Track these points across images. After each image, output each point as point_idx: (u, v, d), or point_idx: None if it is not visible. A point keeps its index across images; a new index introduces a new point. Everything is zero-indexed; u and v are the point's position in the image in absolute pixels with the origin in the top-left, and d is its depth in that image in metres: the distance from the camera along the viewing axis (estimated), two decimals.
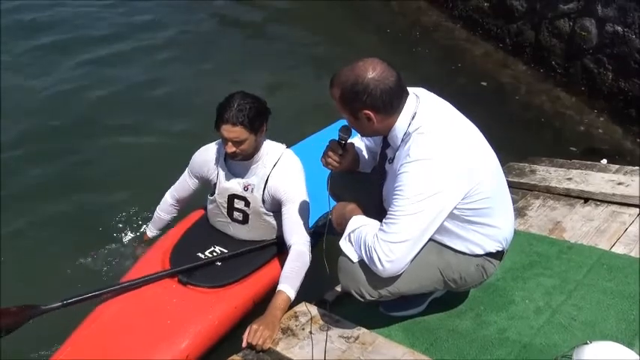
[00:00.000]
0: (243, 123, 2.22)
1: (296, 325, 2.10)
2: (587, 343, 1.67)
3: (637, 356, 1.65)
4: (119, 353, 2.08)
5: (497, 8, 5.14)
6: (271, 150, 2.41)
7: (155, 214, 2.78)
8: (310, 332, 2.05)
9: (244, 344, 2.01)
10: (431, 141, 1.77)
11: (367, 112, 1.82)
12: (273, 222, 2.47)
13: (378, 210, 2.01)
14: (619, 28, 4.12)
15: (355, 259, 1.89)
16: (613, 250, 2.49)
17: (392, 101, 1.81)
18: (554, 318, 2.09)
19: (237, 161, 2.37)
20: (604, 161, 3.61)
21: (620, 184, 2.93)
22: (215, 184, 2.47)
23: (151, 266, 2.39)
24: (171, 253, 2.43)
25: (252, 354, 2.00)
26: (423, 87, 1.96)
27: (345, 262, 1.92)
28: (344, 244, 1.93)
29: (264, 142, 2.39)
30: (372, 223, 1.88)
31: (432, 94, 1.94)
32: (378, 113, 1.82)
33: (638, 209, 2.75)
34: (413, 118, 1.83)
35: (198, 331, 2.17)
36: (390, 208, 1.80)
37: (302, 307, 2.19)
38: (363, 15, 5.68)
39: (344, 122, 2.01)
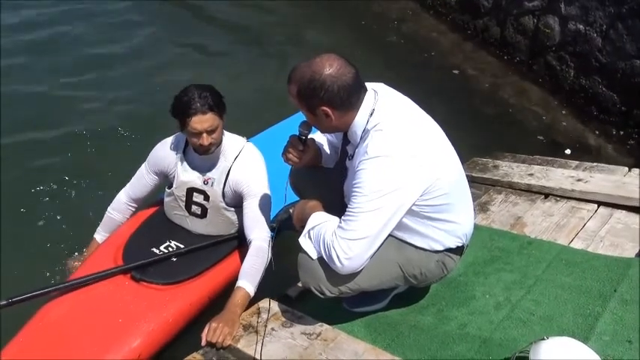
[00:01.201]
0: (212, 109, 2.19)
1: (258, 322, 2.08)
2: (544, 339, 1.70)
3: (592, 351, 1.68)
4: (67, 354, 2.01)
5: (464, 4, 5.17)
6: (232, 143, 2.37)
7: (106, 214, 2.58)
8: (272, 329, 2.03)
9: (203, 342, 1.97)
10: (389, 138, 1.76)
11: (325, 108, 1.80)
12: (232, 217, 2.43)
13: (340, 206, 1.99)
14: (581, 27, 4.19)
15: (315, 256, 1.88)
16: (572, 245, 2.54)
17: (350, 98, 1.79)
18: (513, 313, 2.11)
19: (199, 155, 2.31)
20: (567, 151, 3.70)
21: (579, 180, 2.99)
22: (174, 177, 2.41)
23: (102, 262, 2.31)
24: (125, 249, 2.36)
25: (213, 352, 1.97)
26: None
27: (305, 259, 1.90)
28: (303, 241, 1.91)
29: (224, 135, 2.35)
30: (332, 220, 1.87)
31: (391, 89, 1.93)
32: (336, 110, 1.80)
33: (596, 205, 2.81)
34: (371, 114, 1.82)
35: (151, 330, 2.11)
36: (349, 205, 1.79)
37: (264, 303, 2.16)
38: (333, 3, 5.62)
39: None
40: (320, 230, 1.86)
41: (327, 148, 2.23)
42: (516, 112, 4.33)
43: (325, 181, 2.15)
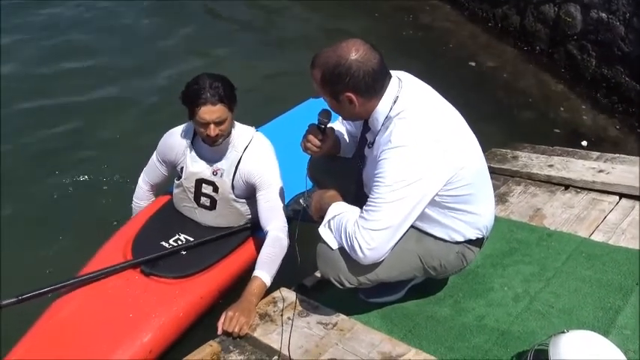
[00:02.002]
0: (223, 100, 2.15)
1: (274, 311, 2.08)
2: (564, 332, 1.68)
3: (613, 345, 1.66)
4: (78, 351, 1.98)
5: None
6: (241, 133, 2.34)
7: (133, 203, 2.63)
8: (288, 318, 2.03)
9: (219, 331, 1.97)
10: (412, 127, 1.74)
11: (349, 94, 1.77)
12: (242, 208, 2.42)
13: (358, 195, 1.98)
14: (603, 15, 4.11)
15: (335, 246, 1.86)
16: (592, 237, 2.50)
17: (374, 84, 1.77)
18: (532, 305, 2.09)
19: (209, 145, 2.28)
20: (584, 143, 3.63)
21: (600, 171, 2.94)
22: (182, 167, 2.39)
23: (111, 257, 2.28)
24: (134, 243, 2.33)
25: (229, 340, 1.97)
26: (410, 68, 1.92)
27: (325, 249, 1.89)
28: (323, 231, 1.90)
29: (234, 126, 2.32)
30: (353, 210, 1.85)
31: (415, 78, 1.90)
32: (360, 96, 1.78)
33: (618, 197, 2.76)
34: (395, 102, 1.79)
35: (162, 324, 2.09)
36: (370, 195, 1.77)
37: (281, 292, 2.16)
38: None
39: (313, 102, 1.97)
40: (341, 220, 1.84)
41: (346, 137, 2.21)
42: (535, 103, 4.27)
43: (343, 171, 2.14)
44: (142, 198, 2.62)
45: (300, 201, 2.61)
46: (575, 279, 2.21)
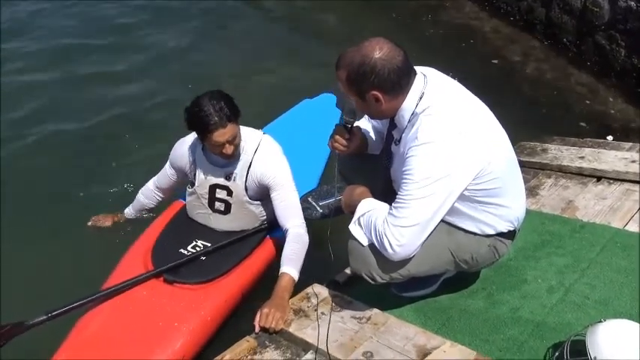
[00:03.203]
0: (230, 119, 2.18)
1: (308, 307, 2.11)
2: (601, 322, 1.66)
3: None
4: None
5: None
6: (249, 136, 2.37)
7: (137, 195, 2.74)
8: (322, 313, 2.06)
9: (257, 329, 2.01)
10: (439, 122, 1.74)
11: (375, 92, 1.79)
12: (256, 210, 2.45)
13: (386, 192, 1.99)
14: (632, 3, 4.03)
15: (365, 242, 1.88)
16: (626, 228, 2.46)
17: (400, 81, 1.78)
18: (567, 297, 2.08)
19: (226, 160, 2.32)
20: (609, 138, 3.57)
21: (633, 161, 2.89)
22: (195, 174, 2.42)
23: (133, 268, 2.31)
24: (153, 253, 2.37)
25: (265, 335, 2.01)
26: (433, 67, 1.93)
27: (356, 246, 1.91)
28: (354, 227, 1.92)
29: (241, 130, 2.33)
30: (382, 207, 1.87)
31: (440, 73, 1.91)
32: (386, 94, 1.79)
33: None
34: (420, 98, 1.80)
35: (192, 329, 2.13)
36: (399, 192, 1.78)
37: (314, 288, 2.19)
38: None
39: (318, 99, 1.99)
40: (370, 217, 1.86)
41: (372, 135, 2.22)
42: (562, 96, 4.22)
43: (371, 168, 2.15)
44: (147, 196, 2.72)
45: (309, 199, 2.67)
46: (610, 270, 2.19)
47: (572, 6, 4.49)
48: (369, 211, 1.88)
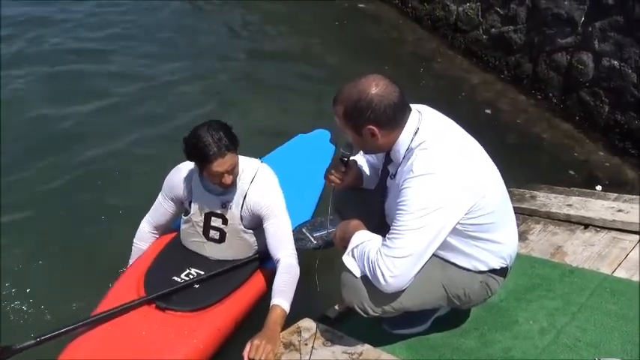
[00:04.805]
0: (229, 148, 2.19)
1: (298, 341, 2.08)
2: None
3: None
4: None
5: (495, 41, 5.25)
6: (247, 165, 2.38)
7: (133, 245, 2.60)
8: (313, 347, 2.02)
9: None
10: (434, 156, 1.78)
11: (371, 127, 1.83)
12: (250, 239, 2.44)
13: (381, 226, 2.01)
14: (615, 63, 4.21)
15: (358, 274, 1.87)
16: (615, 274, 2.49)
17: (395, 116, 1.83)
18: (558, 339, 2.08)
19: (224, 189, 2.32)
20: (598, 187, 3.65)
21: (619, 210, 2.95)
22: (190, 202, 2.42)
23: (124, 294, 2.28)
24: (145, 279, 2.34)
25: None
26: None
27: (349, 278, 1.90)
28: (347, 259, 1.92)
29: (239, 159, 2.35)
30: (376, 239, 1.88)
31: (434, 110, 1.96)
32: (382, 128, 1.83)
33: (638, 236, 2.76)
34: (415, 133, 1.85)
35: (184, 357, 2.10)
36: (393, 223, 1.80)
37: (304, 322, 2.16)
38: (361, 45, 5.74)
39: (312, 135, 2.02)
40: (364, 248, 1.87)
41: (367, 170, 2.26)
42: (550, 147, 4.32)
43: (366, 202, 2.17)
44: (143, 239, 2.59)
45: (303, 230, 2.67)
46: (600, 313, 2.20)
47: (558, 63, 4.67)
48: (363, 242, 1.89)
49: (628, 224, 2.83)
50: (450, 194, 1.76)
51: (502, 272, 1.99)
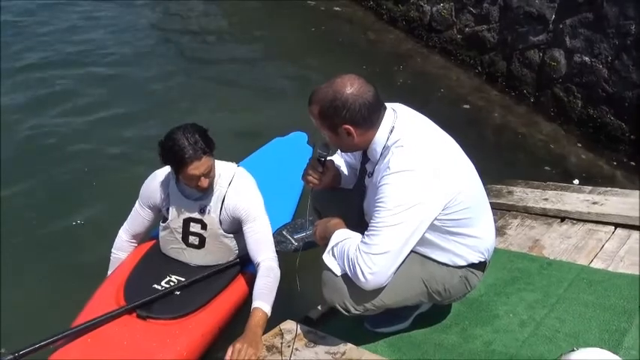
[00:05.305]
0: (205, 151, 2.17)
1: (281, 343, 2.07)
2: (574, 350, 1.69)
3: None
4: None
5: (469, 40, 5.32)
6: (223, 169, 2.37)
7: (111, 255, 2.54)
8: (296, 349, 2.02)
9: None
10: (410, 153, 1.80)
11: (347, 126, 1.84)
12: (230, 244, 2.42)
13: (360, 225, 2.01)
14: (587, 59, 4.29)
15: (339, 272, 1.88)
16: (592, 265, 2.53)
17: (371, 115, 1.84)
18: (538, 330, 2.10)
19: (201, 192, 2.30)
20: (576, 182, 3.71)
21: (594, 203, 3.00)
22: (168, 209, 2.39)
23: (104, 305, 2.23)
24: (125, 288, 2.29)
25: None
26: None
27: (329, 276, 1.90)
28: (327, 257, 1.92)
29: (215, 163, 2.33)
30: (355, 237, 1.88)
31: (409, 108, 1.98)
32: (358, 127, 1.85)
33: (613, 227, 2.82)
34: (391, 131, 1.86)
35: None
36: (371, 220, 1.81)
37: (286, 324, 2.15)
38: (338, 48, 5.76)
39: (289, 137, 2.03)
40: (343, 246, 1.87)
41: (345, 170, 2.26)
42: (526, 142, 4.38)
43: (344, 202, 2.17)
44: (121, 249, 2.54)
45: (284, 232, 2.67)
46: (578, 304, 2.23)
47: (531, 60, 4.74)
48: (343, 240, 1.89)
49: (603, 216, 2.88)
50: (426, 190, 1.77)
51: (481, 267, 2.01)
